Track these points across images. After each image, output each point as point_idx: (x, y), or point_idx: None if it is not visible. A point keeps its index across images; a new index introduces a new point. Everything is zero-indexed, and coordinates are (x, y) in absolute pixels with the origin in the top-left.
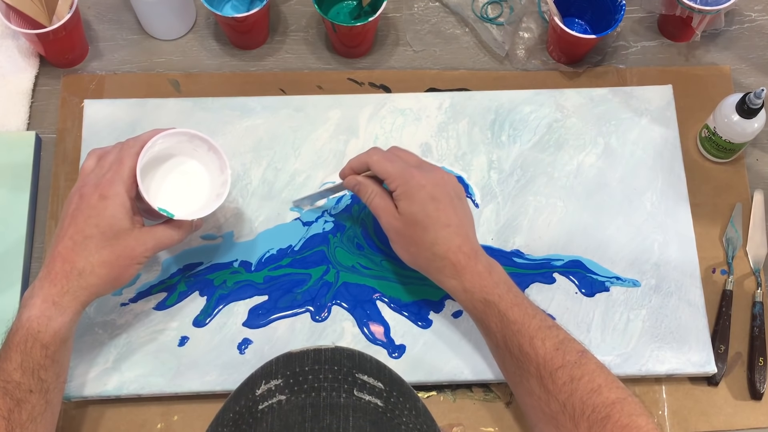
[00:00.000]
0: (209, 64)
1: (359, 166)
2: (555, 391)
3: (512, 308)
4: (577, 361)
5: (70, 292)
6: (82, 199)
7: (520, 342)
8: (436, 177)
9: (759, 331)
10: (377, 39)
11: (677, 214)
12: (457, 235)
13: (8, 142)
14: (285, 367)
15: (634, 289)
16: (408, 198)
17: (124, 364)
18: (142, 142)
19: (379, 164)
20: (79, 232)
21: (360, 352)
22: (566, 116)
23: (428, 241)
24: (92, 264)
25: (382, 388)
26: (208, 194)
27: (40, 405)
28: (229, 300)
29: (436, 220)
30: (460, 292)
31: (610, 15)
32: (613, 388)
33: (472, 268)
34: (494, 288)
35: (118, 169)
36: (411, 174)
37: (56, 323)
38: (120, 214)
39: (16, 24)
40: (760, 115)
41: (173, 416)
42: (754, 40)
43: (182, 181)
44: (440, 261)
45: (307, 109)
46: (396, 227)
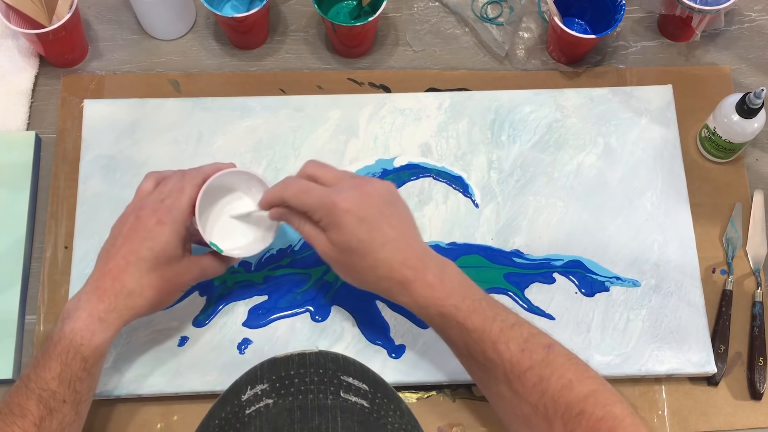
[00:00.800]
0: (209, 64)
1: (275, 200)
2: (525, 393)
3: (470, 316)
4: (545, 359)
5: (117, 310)
6: (138, 221)
7: (483, 349)
8: (359, 194)
9: (759, 331)
10: (377, 39)
11: (677, 214)
12: (398, 250)
13: (8, 142)
14: (270, 372)
15: (634, 289)
16: (335, 227)
17: (124, 364)
18: (204, 174)
19: (295, 198)
20: (133, 252)
21: (344, 355)
22: (566, 116)
23: (368, 266)
24: (142, 286)
25: (367, 390)
26: (255, 233)
27: (70, 416)
28: (229, 300)
29: (371, 243)
30: (415, 308)
31: (610, 15)
32: (584, 379)
33: (421, 281)
34: (447, 298)
35: (178, 198)
36: (332, 201)
37: (99, 338)
38: (175, 242)
39: (16, 24)
40: (760, 115)
41: (173, 416)
42: (754, 40)
43: (232, 217)
44: (386, 282)
45: (307, 109)
46: (332, 257)
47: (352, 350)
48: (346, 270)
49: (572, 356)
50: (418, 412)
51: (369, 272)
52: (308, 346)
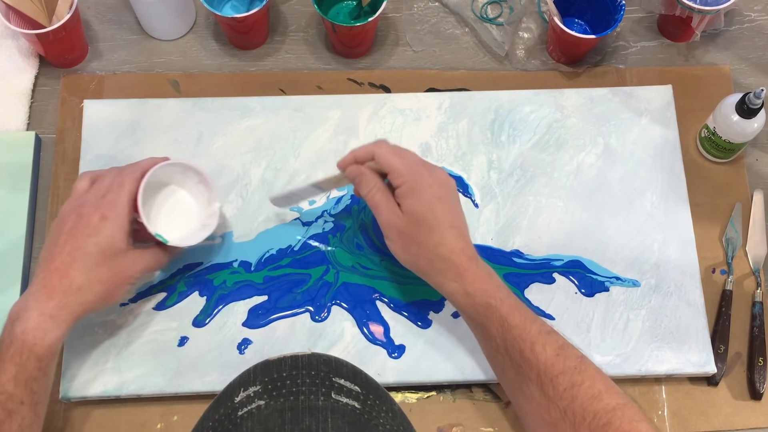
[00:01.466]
0: (209, 64)
1: (364, 155)
2: (556, 397)
3: (513, 312)
4: (578, 366)
5: (67, 306)
6: (80, 218)
7: (521, 347)
8: (442, 177)
9: (759, 331)
10: (377, 39)
11: (677, 214)
12: (461, 237)
13: (8, 142)
14: (263, 374)
15: (634, 289)
16: (414, 196)
17: (124, 364)
18: (142, 169)
19: (386, 157)
20: (79, 249)
21: (336, 357)
22: (566, 116)
23: (433, 242)
24: (90, 281)
25: (358, 391)
26: (195, 224)
27: (29, 417)
28: (228, 300)
29: (442, 221)
30: (461, 295)
31: (609, 15)
32: (613, 393)
33: (474, 272)
34: (496, 291)
35: (119, 192)
36: (418, 171)
37: (51, 336)
38: (119, 235)
39: (16, 24)
40: (759, 115)
41: (173, 416)
42: (754, 40)
43: (172, 209)
44: (443, 263)
45: (307, 109)
46: (398, 226)
47: (352, 350)
48: (406, 243)
49: (602, 371)
50: (418, 412)
51: (430, 249)
52: (308, 346)
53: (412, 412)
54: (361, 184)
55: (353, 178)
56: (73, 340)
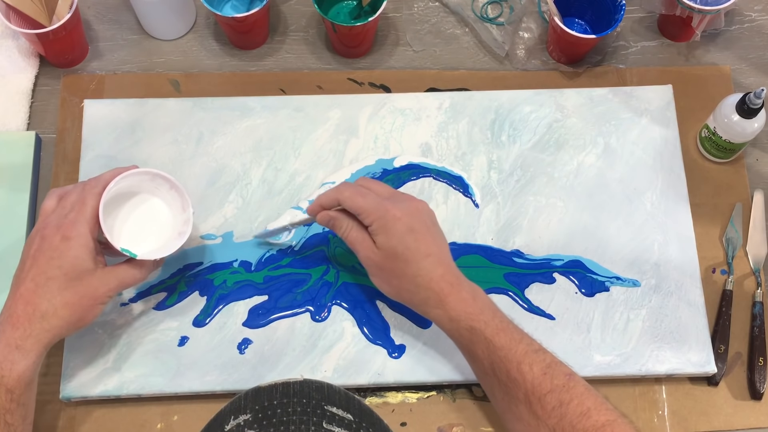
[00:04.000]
0: (209, 64)
1: (329, 202)
2: (544, 416)
3: (498, 334)
4: (565, 384)
5: (33, 335)
6: (43, 240)
7: (507, 368)
8: (411, 207)
9: (759, 331)
10: (377, 39)
11: (677, 214)
12: (439, 264)
13: (8, 142)
14: (254, 402)
15: (634, 289)
16: (385, 232)
17: (124, 364)
18: (104, 182)
19: (351, 200)
20: (42, 273)
21: (329, 384)
22: (566, 116)
23: (410, 274)
24: (55, 306)
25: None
26: (170, 232)
27: None
28: (229, 300)
29: (416, 252)
30: (445, 321)
31: (610, 15)
32: (602, 410)
33: (456, 296)
34: (479, 314)
35: (80, 210)
36: (385, 207)
37: (20, 367)
38: (83, 255)
39: (16, 24)
40: (760, 115)
41: (173, 416)
42: (754, 40)
43: (144, 219)
44: (424, 292)
45: (307, 109)
46: (375, 261)
47: (352, 350)
48: (386, 276)
49: (591, 388)
50: (418, 412)
51: (409, 280)
52: (308, 346)
53: (412, 412)
54: (335, 227)
55: (326, 224)
56: (73, 340)
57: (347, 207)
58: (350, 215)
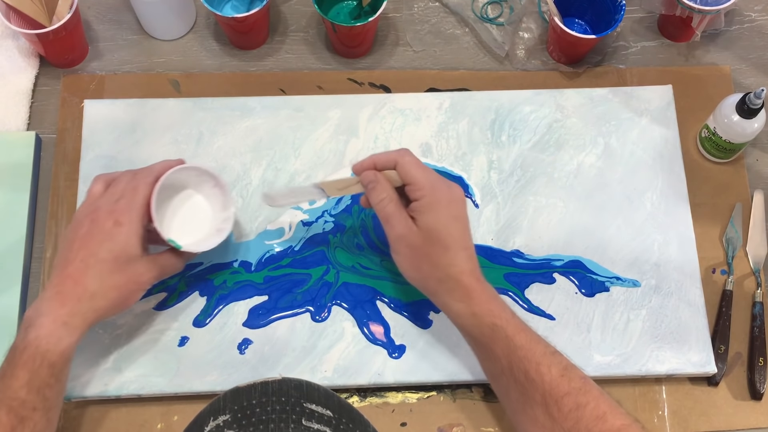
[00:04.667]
0: (209, 64)
1: (385, 162)
2: (561, 418)
3: (519, 333)
4: (582, 387)
5: (80, 313)
6: (94, 224)
7: (526, 368)
8: (459, 195)
9: (759, 331)
10: (377, 39)
11: (677, 214)
12: (471, 259)
13: (8, 142)
14: (233, 402)
15: (634, 289)
16: (433, 212)
17: (124, 364)
18: (156, 173)
19: (410, 167)
20: (92, 255)
21: (308, 381)
22: (566, 116)
23: (446, 262)
24: (104, 287)
25: (330, 416)
26: (209, 228)
27: (41, 423)
28: (229, 300)
29: (458, 241)
30: (467, 316)
31: (610, 15)
32: (617, 415)
33: (482, 293)
34: (501, 312)
35: (132, 197)
36: (439, 187)
37: (64, 343)
38: (133, 241)
39: (16, 24)
40: (760, 115)
41: (173, 416)
42: (754, 40)
43: (187, 213)
44: (453, 283)
45: (307, 109)
46: (411, 241)
47: (353, 350)
48: (417, 259)
49: (604, 392)
50: (418, 412)
51: (442, 268)
52: (308, 346)
53: (412, 412)
54: (374, 191)
55: (367, 184)
56: None
57: (403, 173)
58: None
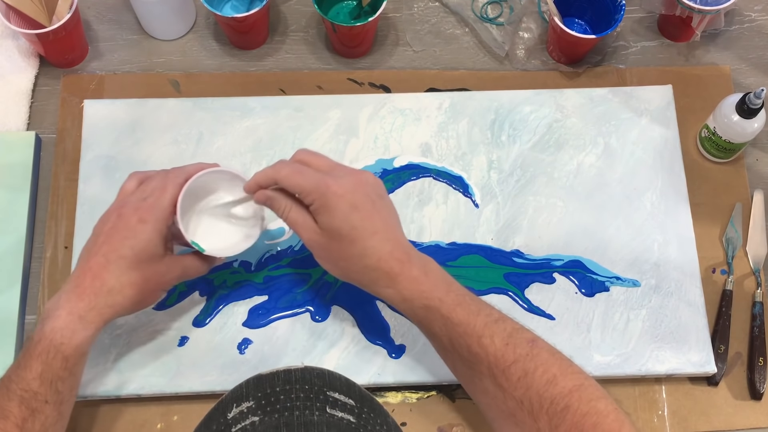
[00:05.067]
0: (209, 64)
1: (266, 181)
2: (510, 388)
3: (455, 309)
4: (529, 353)
5: (96, 308)
6: (120, 219)
7: (468, 343)
8: (353, 181)
9: (759, 331)
10: (377, 39)
11: (677, 214)
12: (387, 240)
13: (8, 142)
14: (256, 389)
15: (634, 289)
16: (327, 211)
17: (124, 364)
18: (186, 174)
19: (288, 179)
20: (114, 251)
21: (329, 370)
22: (566, 116)
23: (356, 254)
24: (122, 284)
25: (353, 405)
26: (238, 233)
27: (53, 416)
28: (229, 300)
29: (362, 230)
30: (398, 301)
31: (610, 15)
32: (568, 374)
33: (407, 274)
34: (433, 291)
35: (160, 196)
36: (326, 184)
37: (79, 337)
38: (156, 240)
39: (16, 24)
40: (760, 115)
41: (173, 416)
42: (754, 40)
43: (216, 217)
44: (373, 272)
45: (307, 109)
46: (319, 243)
47: (352, 350)
48: (332, 258)
49: (555, 351)
50: (418, 412)
51: (356, 261)
52: (308, 346)
53: (412, 412)
54: (273, 208)
55: (263, 203)
56: None
57: (285, 187)
58: (289, 195)
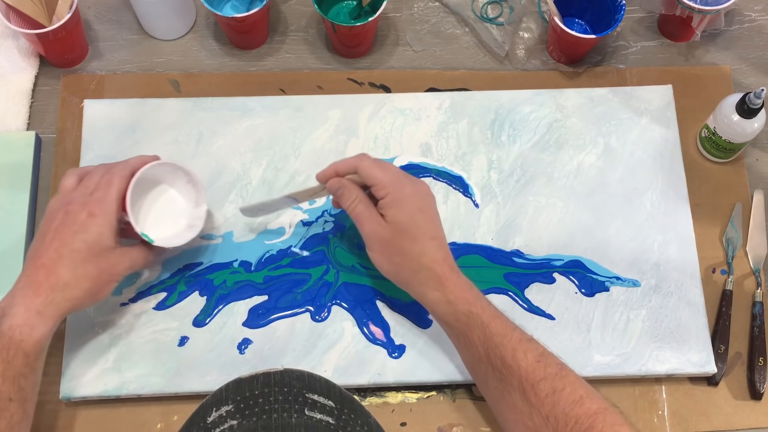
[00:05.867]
0: (209, 64)
1: (346, 169)
2: (538, 403)
3: (494, 320)
4: (558, 372)
5: (54, 303)
6: (68, 215)
7: (502, 354)
8: (424, 189)
9: (759, 331)
10: (377, 39)
11: (677, 214)
12: (442, 248)
13: (8, 142)
14: (235, 393)
15: (634, 289)
16: (398, 206)
17: (124, 364)
18: (131, 167)
19: (369, 169)
20: (65, 245)
21: (309, 372)
22: (566, 116)
23: (416, 252)
24: (77, 277)
25: (332, 406)
26: (182, 224)
27: (18, 414)
28: (229, 300)
29: (425, 231)
30: (443, 304)
31: (610, 15)
32: (594, 399)
33: (455, 281)
34: (477, 300)
35: (108, 190)
36: (401, 182)
37: (39, 332)
38: (107, 232)
39: (16, 24)
40: (760, 115)
41: (173, 416)
42: (754, 40)
43: (160, 208)
44: (426, 272)
45: (307, 109)
46: (381, 235)
47: (352, 350)
48: (389, 253)
49: (580, 377)
50: (418, 412)
51: (414, 258)
52: (308, 346)
53: (412, 412)
54: (343, 197)
55: (335, 191)
56: (73, 340)
57: (364, 175)
58: (360, 189)
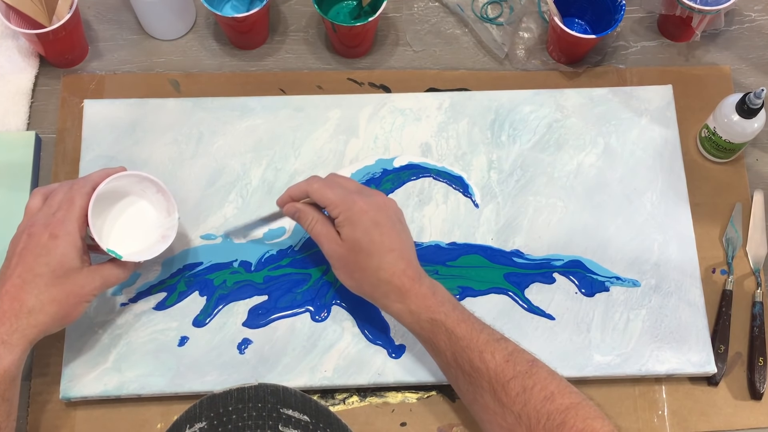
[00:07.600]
0: (209, 64)
1: (298, 194)
2: (509, 403)
3: (459, 325)
4: (528, 370)
5: (19, 330)
6: (31, 238)
7: (470, 357)
8: (378, 202)
9: (759, 331)
10: (377, 39)
11: (677, 214)
12: (401, 259)
13: (8, 142)
14: (209, 410)
15: (634, 289)
16: (351, 224)
17: (124, 364)
18: (92, 182)
19: (319, 192)
20: (29, 270)
21: (284, 386)
22: (566, 116)
23: (373, 267)
24: (42, 302)
25: (308, 421)
26: (155, 235)
27: None
28: (229, 300)
29: (380, 245)
30: (406, 314)
31: (610, 15)
32: (566, 393)
33: (417, 291)
34: (439, 307)
35: (69, 209)
36: (353, 200)
37: (6, 362)
38: (71, 253)
39: (16, 24)
40: (760, 115)
41: (173, 416)
42: (754, 40)
43: (130, 221)
44: (385, 286)
45: (307, 109)
46: (339, 254)
47: (352, 350)
48: (349, 269)
49: (554, 372)
50: (418, 412)
51: (372, 273)
52: (308, 346)
53: (412, 412)
54: (300, 220)
55: (291, 215)
56: (73, 340)
57: (315, 199)
58: (317, 209)
